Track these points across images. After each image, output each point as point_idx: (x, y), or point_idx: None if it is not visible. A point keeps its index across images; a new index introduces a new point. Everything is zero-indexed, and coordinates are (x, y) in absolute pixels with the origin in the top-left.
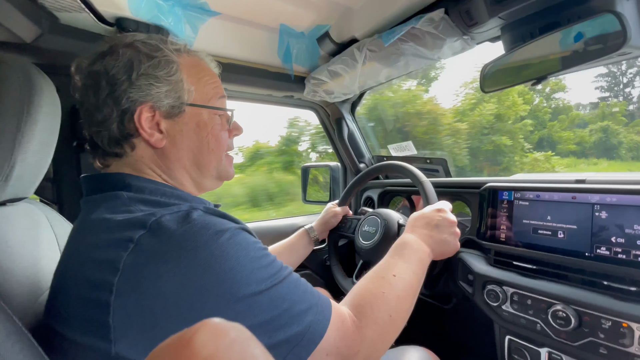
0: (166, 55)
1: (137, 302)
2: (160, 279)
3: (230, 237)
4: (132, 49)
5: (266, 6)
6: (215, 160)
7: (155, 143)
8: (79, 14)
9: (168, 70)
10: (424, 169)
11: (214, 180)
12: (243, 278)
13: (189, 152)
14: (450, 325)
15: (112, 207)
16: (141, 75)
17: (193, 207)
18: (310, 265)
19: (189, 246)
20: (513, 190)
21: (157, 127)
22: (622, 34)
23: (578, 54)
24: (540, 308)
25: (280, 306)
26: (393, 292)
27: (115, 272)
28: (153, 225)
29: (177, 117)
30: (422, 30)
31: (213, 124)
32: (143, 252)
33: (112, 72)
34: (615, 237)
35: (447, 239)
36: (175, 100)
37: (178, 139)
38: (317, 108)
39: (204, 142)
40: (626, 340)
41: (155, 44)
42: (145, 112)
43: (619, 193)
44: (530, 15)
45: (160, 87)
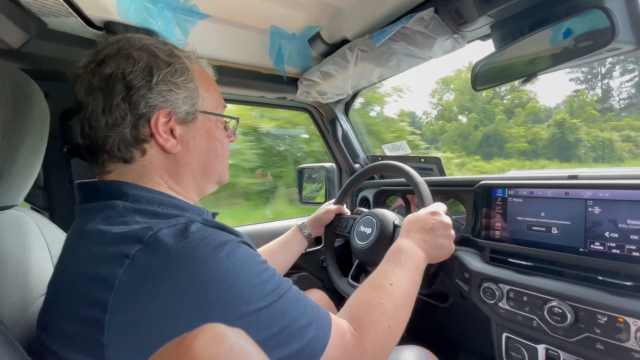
0: (183, 63)
1: (133, 321)
2: (157, 298)
3: (229, 253)
4: (148, 53)
5: (256, 8)
6: (220, 166)
7: (170, 148)
8: (67, 19)
9: (185, 78)
10: (418, 168)
11: (214, 185)
12: (243, 295)
13: (199, 157)
14: (448, 323)
15: (107, 218)
16: (161, 81)
17: (191, 219)
18: (306, 266)
19: (187, 263)
20: (507, 187)
21: (170, 132)
22: (610, 30)
23: (568, 51)
24: (536, 304)
25: (281, 323)
26: (391, 302)
27: (110, 289)
28: (150, 240)
29: (190, 123)
30: (412, 30)
31: (220, 130)
32: (139, 269)
33: (129, 76)
34: (609, 232)
35: (442, 243)
36: (190, 107)
37: (191, 145)
38: (311, 109)
39: (212, 148)
40: (622, 335)
41: (170, 50)
42: (162, 117)
43: (611, 188)
44: (520, 12)
45: (179, 94)
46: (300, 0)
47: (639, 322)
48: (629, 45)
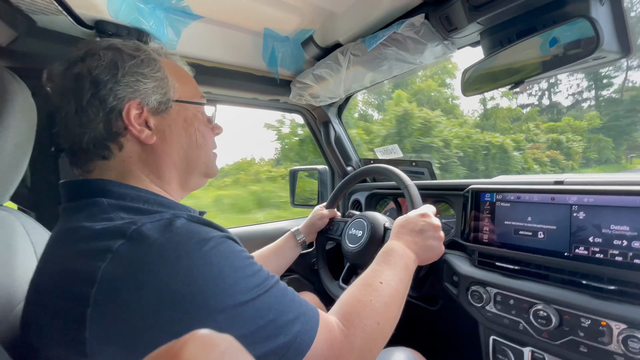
0: (149, 54)
1: (115, 315)
2: (140, 290)
3: (214, 246)
4: (113, 50)
5: (250, 10)
6: (204, 155)
7: (145, 139)
8: (56, 17)
9: (152, 68)
10: (410, 171)
11: (200, 178)
12: (227, 288)
13: (178, 147)
14: (437, 326)
15: (91, 214)
16: (127, 73)
17: (176, 215)
18: (298, 269)
19: (170, 256)
20: (495, 192)
21: (145, 124)
22: (595, 39)
23: (554, 58)
24: (522, 308)
25: (266, 316)
26: (380, 300)
27: (92, 283)
28: (133, 234)
29: (164, 114)
30: (403, 35)
31: (198, 120)
32: (122, 263)
33: (95, 72)
34: (593, 237)
35: (431, 244)
36: (162, 97)
37: (167, 135)
38: (304, 112)
39: (192, 137)
40: (605, 338)
41: (135, 45)
42: (133, 108)
43: (595, 194)
44: (508, 20)
45: (147, 84)
46: (294, 4)
47: (621, 326)
48: (614, 54)
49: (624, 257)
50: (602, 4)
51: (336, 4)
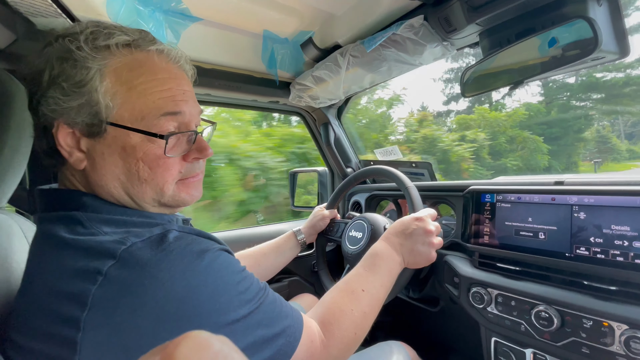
0: (84, 58)
1: (108, 338)
2: (134, 313)
3: (208, 264)
4: (48, 48)
5: (249, 13)
6: (152, 191)
7: (74, 163)
8: (55, 19)
9: (81, 79)
10: (410, 172)
11: (160, 209)
12: (221, 307)
13: (114, 178)
14: (439, 327)
15: (70, 227)
16: (50, 84)
17: (166, 229)
18: (298, 271)
19: (164, 277)
20: (495, 192)
21: (77, 145)
22: (593, 40)
23: (553, 59)
24: (524, 309)
25: (256, 332)
26: (360, 309)
27: (83, 307)
28: (123, 254)
29: (98, 137)
30: (402, 37)
31: (147, 148)
32: (113, 285)
33: (30, 74)
34: (594, 238)
35: (419, 249)
36: (91, 118)
37: (99, 163)
38: (303, 113)
39: (132, 170)
40: (607, 339)
41: (78, 40)
42: (62, 128)
43: (596, 194)
44: (507, 21)
45: (68, 102)
46: (293, 6)
47: (622, 327)
48: (613, 54)
49: (625, 257)
50: (600, 5)
51: (335, 6)
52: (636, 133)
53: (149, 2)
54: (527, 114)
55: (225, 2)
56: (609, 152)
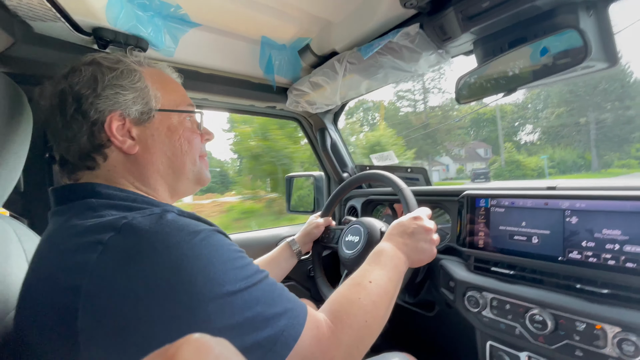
0: (128, 65)
1: (107, 305)
2: (130, 280)
3: (204, 238)
4: (94, 64)
5: (247, 19)
6: (190, 162)
7: (128, 149)
8: (54, 23)
9: (132, 79)
10: (405, 178)
11: (190, 184)
12: (216, 278)
13: (162, 155)
14: (435, 332)
15: (81, 213)
16: (106, 86)
17: (166, 210)
18: (294, 276)
19: (160, 246)
20: (489, 197)
21: (128, 134)
22: (584, 49)
23: (545, 68)
24: (518, 312)
25: (254, 308)
26: (369, 298)
27: (84, 274)
28: (124, 227)
29: (147, 123)
30: (399, 44)
31: (184, 127)
32: (113, 254)
33: (76, 87)
34: (586, 241)
35: (422, 247)
36: (143, 107)
37: (150, 144)
38: (300, 119)
39: (176, 145)
40: (600, 341)
41: (116, 57)
42: (115, 120)
43: (587, 199)
44: (500, 30)
45: (127, 95)
46: (291, 13)
47: (615, 329)
48: (602, 63)
49: (616, 260)
50: (590, 15)
51: (332, 13)
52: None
53: (148, 7)
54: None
55: (224, 9)
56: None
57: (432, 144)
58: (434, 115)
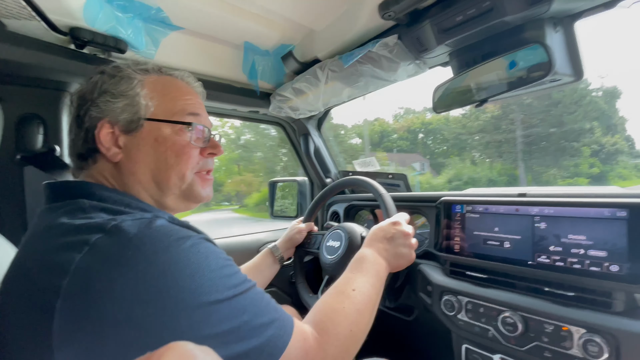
0: (129, 74)
1: (85, 307)
2: (113, 283)
3: (192, 245)
4: (101, 73)
5: (231, 24)
6: (176, 176)
7: (111, 157)
8: (29, 22)
9: (126, 87)
10: (386, 184)
11: (179, 200)
12: (203, 285)
13: (144, 166)
14: (413, 336)
15: (71, 213)
16: (101, 93)
17: (157, 216)
18: (276, 282)
19: (147, 250)
20: (465, 203)
21: (116, 142)
22: (549, 64)
23: (516, 80)
24: (492, 315)
25: (241, 317)
26: (353, 306)
27: (65, 274)
28: (112, 228)
29: (135, 132)
30: (378, 54)
31: (175, 139)
32: (97, 255)
33: (80, 94)
34: (554, 246)
35: (401, 252)
36: (132, 115)
37: (134, 154)
38: (284, 124)
39: (161, 157)
40: (567, 343)
41: (120, 66)
42: (105, 128)
43: (555, 205)
44: (474, 43)
45: (116, 103)
46: (274, 20)
47: (580, 331)
48: (568, 77)
49: (581, 264)
50: (557, 31)
51: (315, 22)
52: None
53: (128, 9)
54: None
55: (206, 13)
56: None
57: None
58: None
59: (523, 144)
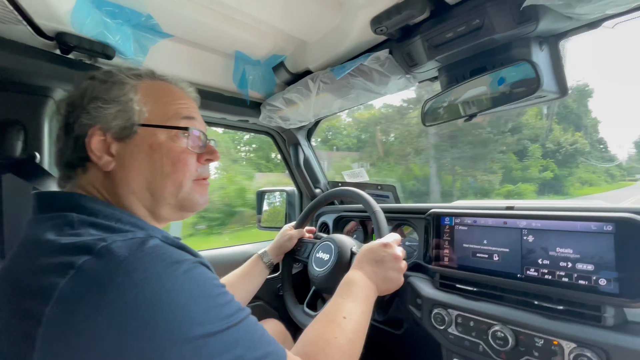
0: (120, 79)
1: (68, 337)
2: (98, 312)
3: (186, 271)
4: (91, 79)
5: (221, 33)
6: (172, 185)
7: (103, 166)
8: (15, 26)
9: (117, 92)
10: (375, 195)
11: (173, 210)
12: (195, 317)
13: (138, 175)
14: (403, 350)
15: (57, 228)
16: (92, 99)
17: (150, 235)
18: (262, 295)
19: (138, 277)
20: (454, 215)
21: (108, 150)
22: (536, 80)
23: (503, 96)
24: (482, 329)
25: (233, 351)
26: (344, 336)
27: (48, 300)
28: (101, 250)
29: (128, 139)
30: (369, 67)
31: (171, 145)
32: (83, 280)
33: (69, 100)
34: (542, 259)
35: (390, 276)
36: (125, 122)
37: (127, 162)
38: (273, 133)
39: (157, 165)
40: (558, 357)
41: (111, 71)
42: (96, 135)
43: (542, 219)
44: (463, 59)
45: (108, 109)
46: (265, 30)
47: (571, 345)
48: (553, 94)
49: (569, 278)
50: (542, 50)
51: (307, 34)
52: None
53: (118, 15)
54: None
55: (198, 22)
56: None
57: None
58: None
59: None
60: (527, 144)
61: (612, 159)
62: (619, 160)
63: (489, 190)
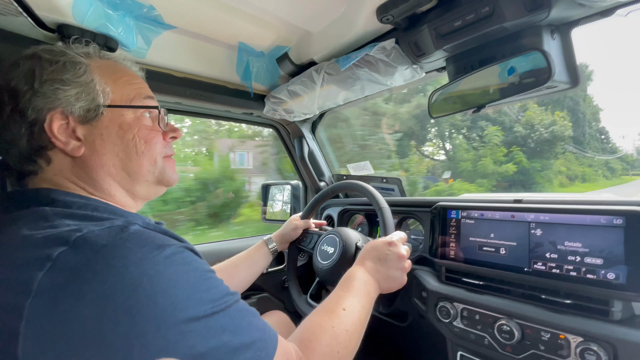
0: (72, 57)
1: (52, 329)
2: (80, 301)
3: (169, 255)
4: (34, 58)
5: (225, 24)
6: (148, 163)
7: (72, 152)
8: (15, 18)
9: (75, 72)
10: (380, 188)
11: (151, 186)
12: (178, 301)
13: (113, 157)
14: (407, 342)
15: (32, 223)
16: (45, 81)
17: (129, 222)
18: (267, 287)
19: (117, 263)
20: (460, 209)
21: (73, 134)
22: (548, 70)
23: (512, 86)
24: (487, 323)
25: (219, 337)
26: (342, 327)
27: (28, 294)
28: (77, 240)
29: (94, 121)
30: (375, 58)
31: (139, 125)
32: (62, 271)
33: (12, 84)
34: (550, 253)
35: (393, 275)
36: (89, 103)
37: (98, 145)
38: (278, 126)
39: (130, 145)
40: (564, 351)
41: (59, 50)
42: (56, 119)
43: (551, 212)
44: (471, 49)
45: (68, 91)
46: (269, 20)
47: (578, 339)
48: (564, 84)
49: (577, 272)
50: (554, 39)
51: (311, 24)
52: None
53: (120, 6)
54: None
55: (200, 12)
56: None
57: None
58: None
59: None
60: (484, 125)
61: (615, 150)
62: (622, 152)
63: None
